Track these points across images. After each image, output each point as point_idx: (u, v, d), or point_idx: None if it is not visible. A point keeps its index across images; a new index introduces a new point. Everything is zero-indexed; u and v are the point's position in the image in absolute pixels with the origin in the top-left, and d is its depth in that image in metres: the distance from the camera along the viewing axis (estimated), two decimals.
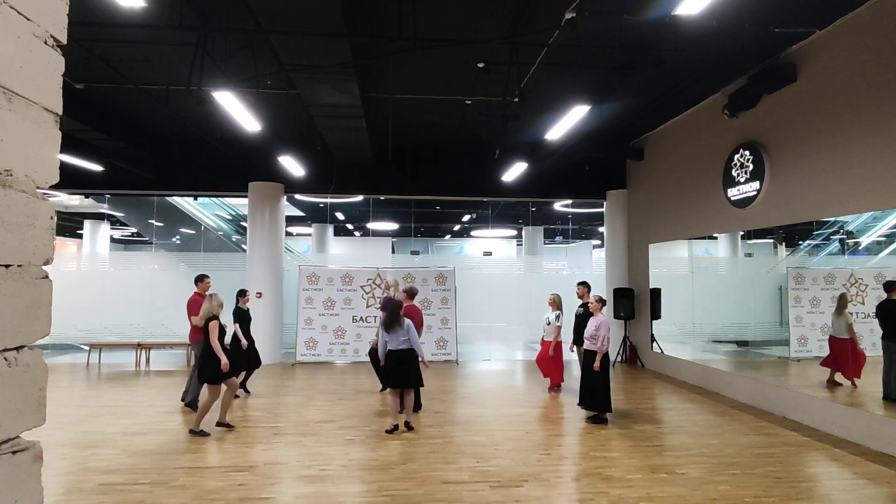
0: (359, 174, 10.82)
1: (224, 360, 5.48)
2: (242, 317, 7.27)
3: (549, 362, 7.52)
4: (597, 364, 5.94)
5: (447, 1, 5.47)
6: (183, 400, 6.70)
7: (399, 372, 5.64)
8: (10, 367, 0.83)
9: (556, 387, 7.67)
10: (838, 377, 5.91)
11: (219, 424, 5.68)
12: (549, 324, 7.48)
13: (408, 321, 5.76)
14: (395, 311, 5.76)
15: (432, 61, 6.82)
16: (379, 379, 7.39)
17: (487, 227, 21.59)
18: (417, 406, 6.46)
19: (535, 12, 5.61)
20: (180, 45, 6.23)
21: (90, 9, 5.41)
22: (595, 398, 6.00)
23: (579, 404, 6.18)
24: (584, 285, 7.24)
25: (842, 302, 5.86)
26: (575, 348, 7.38)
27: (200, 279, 6.85)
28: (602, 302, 6.20)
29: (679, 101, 8.15)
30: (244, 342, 7.13)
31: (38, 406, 0.89)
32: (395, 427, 5.62)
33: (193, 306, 6.50)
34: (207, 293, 5.97)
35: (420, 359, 5.76)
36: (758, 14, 5.47)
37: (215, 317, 5.60)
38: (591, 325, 6.10)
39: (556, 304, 7.41)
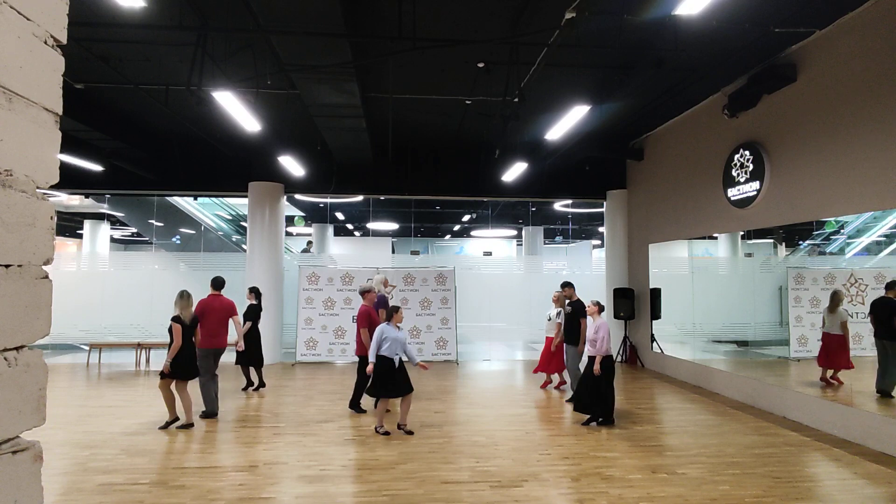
0: (359, 174, 10.82)
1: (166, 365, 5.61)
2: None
3: (547, 356, 7.55)
4: (596, 368, 5.87)
5: (447, 1, 5.47)
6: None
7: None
8: (10, 367, 0.83)
9: (549, 378, 7.76)
10: (831, 376, 5.95)
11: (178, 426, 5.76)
12: (549, 320, 7.51)
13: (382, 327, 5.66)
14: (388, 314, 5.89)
15: (432, 61, 6.82)
16: None
17: (487, 227, 21.60)
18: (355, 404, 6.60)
19: (535, 12, 5.61)
20: (180, 45, 6.23)
21: (90, 9, 5.41)
22: (595, 402, 5.91)
23: (574, 409, 6.09)
24: (569, 286, 7.27)
25: (835, 300, 5.88)
26: (570, 347, 7.32)
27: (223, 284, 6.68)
28: (600, 306, 6.18)
29: (679, 101, 8.15)
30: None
31: (38, 406, 0.89)
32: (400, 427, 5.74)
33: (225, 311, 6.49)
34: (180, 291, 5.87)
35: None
36: (758, 14, 5.47)
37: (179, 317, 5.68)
38: (590, 329, 6.08)
39: (560, 301, 7.41)
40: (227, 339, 6.46)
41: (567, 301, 7.13)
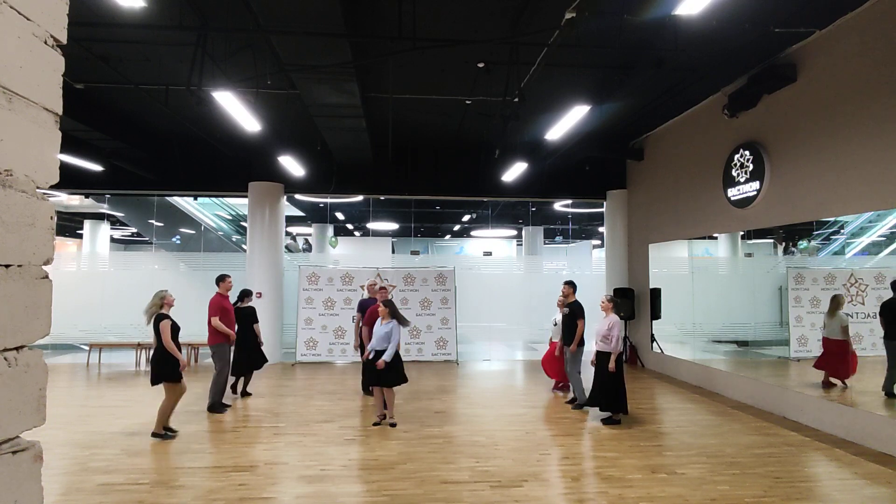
0: (359, 174, 10.82)
1: (182, 359, 5.46)
2: (239, 316, 7.25)
3: (554, 362, 7.45)
4: (612, 365, 5.91)
5: (447, 1, 5.47)
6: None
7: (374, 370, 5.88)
8: (10, 367, 0.83)
9: (560, 385, 7.64)
10: (833, 378, 5.91)
11: (155, 434, 5.40)
12: (555, 324, 7.37)
13: (391, 324, 5.81)
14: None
15: (432, 61, 6.82)
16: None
17: (487, 227, 21.60)
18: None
19: (535, 12, 5.61)
20: (180, 45, 6.23)
21: (90, 9, 5.41)
22: (610, 399, 5.96)
23: (593, 404, 6.16)
24: (570, 285, 7.17)
25: (835, 303, 5.85)
26: (566, 348, 7.26)
27: (222, 279, 6.71)
28: (614, 302, 6.20)
29: (679, 101, 8.15)
30: (261, 339, 7.39)
31: (38, 406, 0.89)
32: (381, 418, 5.93)
33: (214, 307, 6.47)
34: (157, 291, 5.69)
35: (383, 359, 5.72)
36: (758, 14, 5.47)
37: (166, 316, 5.44)
38: (603, 325, 6.10)
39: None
40: (211, 337, 6.47)
41: (565, 302, 7.04)
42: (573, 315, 6.75)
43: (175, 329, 5.49)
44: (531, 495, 4.02)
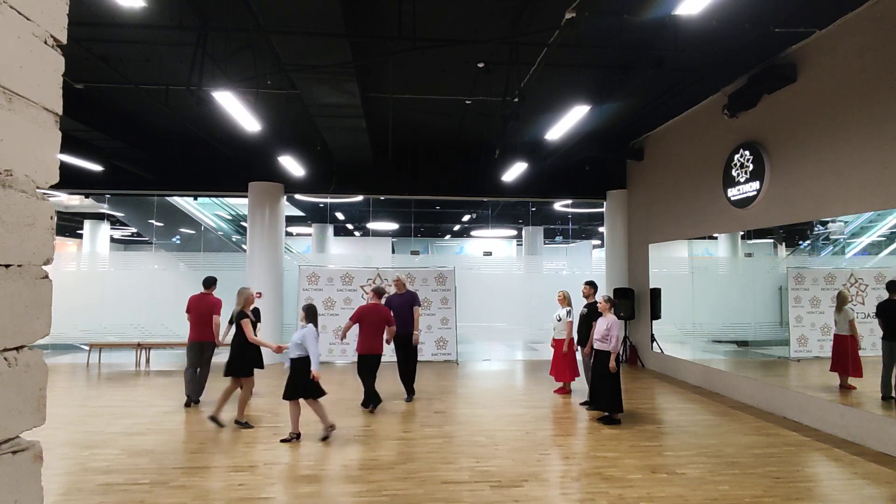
0: (359, 174, 10.82)
1: (273, 346, 6.05)
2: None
3: (561, 361, 7.40)
4: (612, 364, 5.93)
5: (447, 1, 5.47)
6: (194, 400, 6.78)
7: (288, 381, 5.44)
8: (10, 367, 0.83)
9: (565, 387, 7.58)
10: (844, 384, 5.84)
11: (237, 422, 5.87)
12: (559, 320, 7.34)
13: (308, 328, 5.50)
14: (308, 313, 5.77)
15: (432, 61, 6.82)
16: (405, 387, 7.27)
17: (487, 227, 21.60)
18: (378, 400, 6.58)
19: (535, 12, 5.61)
20: (180, 45, 6.23)
21: (90, 9, 5.41)
22: (605, 399, 6.00)
23: (591, 406, 6.17)
24: (591, 285, 7.17)
25: (841, 299, 5.86)
26: (579, 348, 7.30)
27: (215, 283, 6.94)
28: (611, 302, 6.21)
29: (679, 101, 8.15)
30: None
31: (38, 406, 0.89)
32: (297, 436, 5.34)
33: (218, 307, 6.75)
34: (240, 288, 6.24)
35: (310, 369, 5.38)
36: (758, 14, 5.47)
37: (246, 315, 6.00)
38: (602, 325, 6.10)
39: (567, 300, 7.31)
40: (209, 334, 6.75)
41: (585, 302, 7.03)
42: (591, 316, 6.75)
43: (253, 324, 6.11)
44: (531, 495, 4.02)
